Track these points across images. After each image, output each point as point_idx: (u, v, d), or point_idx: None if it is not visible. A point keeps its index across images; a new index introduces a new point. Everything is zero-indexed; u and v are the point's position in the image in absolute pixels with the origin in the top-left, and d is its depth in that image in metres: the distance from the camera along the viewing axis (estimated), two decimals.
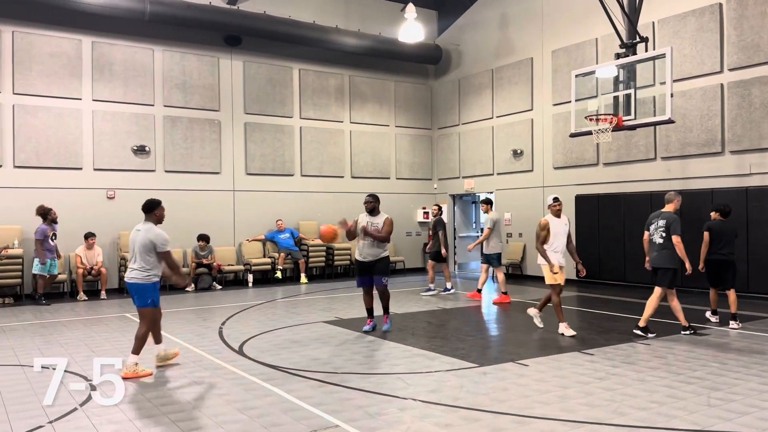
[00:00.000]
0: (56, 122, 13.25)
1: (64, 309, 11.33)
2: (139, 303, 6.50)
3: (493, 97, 16.81)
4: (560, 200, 8.68)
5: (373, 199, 8.87)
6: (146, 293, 6.44)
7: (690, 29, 12.33)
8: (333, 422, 4.84)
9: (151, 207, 6.71)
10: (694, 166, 12.35)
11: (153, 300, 6.49)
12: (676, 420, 4.82)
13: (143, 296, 6.45)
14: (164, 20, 13.86)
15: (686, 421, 4.79)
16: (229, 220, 15.30)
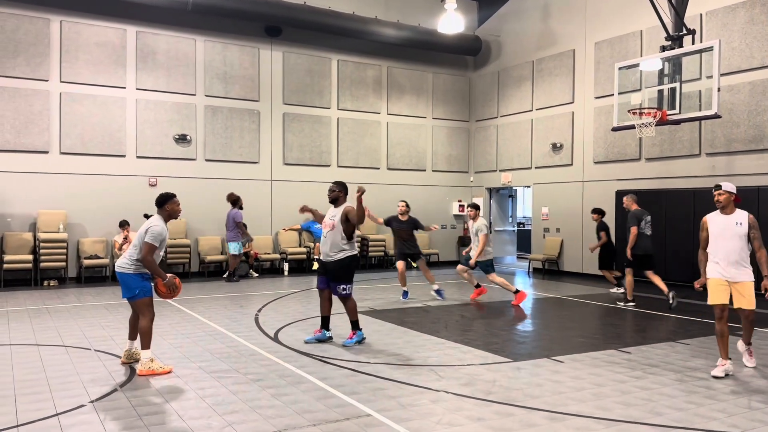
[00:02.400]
0: (101, 110, 13.59)
1: (106, 292, 11.65)
2: (126, 294, 6.15)
3: (533, 90, 16.58)
4: (724, 188, 6.22)
5: (336, 187, 7.37)
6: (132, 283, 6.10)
7: (740, 21, 11.94)
8: (365, 411, 4.88)
9: (163, 201, 6.35)
10: (740, 162, 11.99)
11: (141, 290, 6.11)
12: (715, 422, 4.71)
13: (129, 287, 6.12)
14: (206, 10, 14.05)
15: (725, 424, 4.68)
16: (266, 209, 15.49)
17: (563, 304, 10.81)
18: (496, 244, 18.08)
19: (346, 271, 7.13)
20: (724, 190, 6.19)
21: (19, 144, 12.81)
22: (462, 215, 18.36)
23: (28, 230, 12.86)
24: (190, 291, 11.92)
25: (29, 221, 12.92)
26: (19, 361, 6.40)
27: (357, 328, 7.34)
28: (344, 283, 7.13)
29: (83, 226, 13.40)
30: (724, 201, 6.20)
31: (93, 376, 5.84)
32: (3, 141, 12.67)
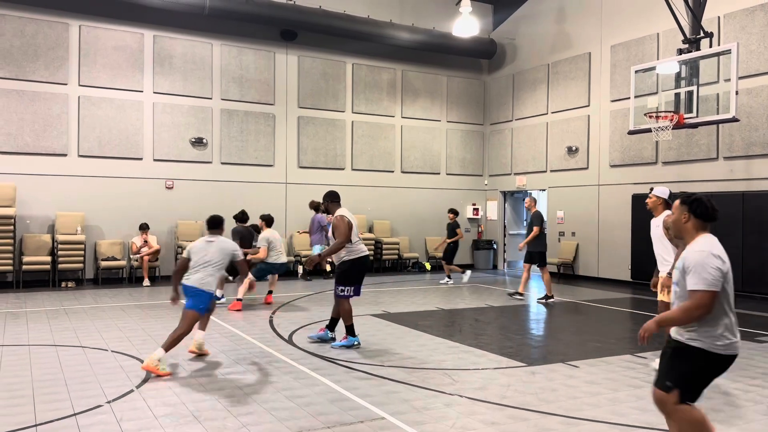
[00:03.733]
0: (118, 113, 13.74)
1: (122, 294, 11.77)
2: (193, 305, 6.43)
3: (549, 93, 16.52)
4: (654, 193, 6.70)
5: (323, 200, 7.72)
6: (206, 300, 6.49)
7: (758, 24, 11.81)
8: (379, 414, 4.88)
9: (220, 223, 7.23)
10: (758, 166, 11.85)
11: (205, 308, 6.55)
12: (733, 428, 4.66)
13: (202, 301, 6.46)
14: (223, 15, 14.16)
15: (743, 430, 4.62)
16: (281, 211, 15.55)
17: (578, 309, 10.75)
18: (511, 247, 18.04)
19: (343, 274, 7.22)
20: (653, 194, 6.62)
21: (38, 147, 12.99)
22: (477, 218, 18.32)
23: (46, 232, 13.02)
24: None
25: (48, 223, 13.08)
26: (38, 362, 6.48)
27: (351, 333, 7.26)
28: (341, 285, 7.21)
29: (100, 228, 13.55)
30: (651, 204, 6.65)
31: (110, 377, 5.90)
32: (22, 144, 12.85)
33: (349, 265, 7.23)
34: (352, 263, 7.23)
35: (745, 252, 11.84)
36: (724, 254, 3.45)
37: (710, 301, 3.33)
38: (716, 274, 3.34)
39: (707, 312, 3.35)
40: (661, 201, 6.60)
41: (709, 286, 3.33)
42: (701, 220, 3.54)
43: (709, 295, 3.33)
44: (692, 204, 3.54)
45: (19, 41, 12.85)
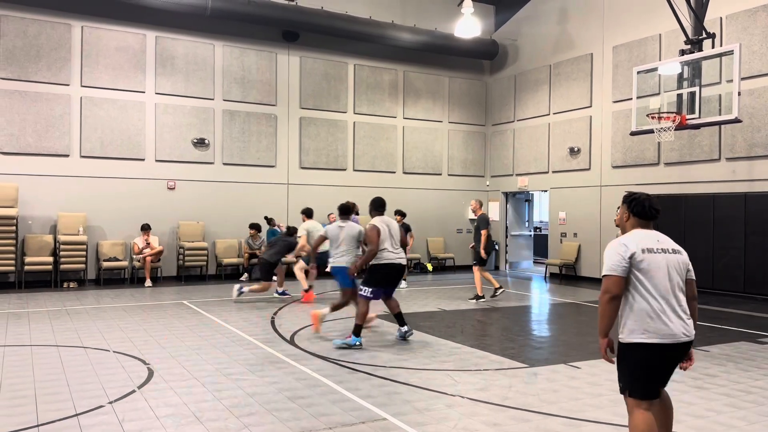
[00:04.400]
0: (120, 114, 13.76)
1: (124, 294, 11.78)
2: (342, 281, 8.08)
3: (551, 94, 16.51)
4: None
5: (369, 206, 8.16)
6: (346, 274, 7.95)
7: (760, 25, 11.80)
8: (381, 415, 4.88)
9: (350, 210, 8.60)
10: (761, 167, 11.83)
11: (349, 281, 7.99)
12: (735, 430, 4.65)
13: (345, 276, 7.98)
14: (225, 16, 14.17)
15: None
16: (282, 212, 15.55)
17: (580, 310, 10.73)
18: (513, 248, 18.03)
19: (367, 275, 7.65)
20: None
21: (40, 147, 13.00)
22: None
23: (48, 232, 13.04)
24: (207, 293, 12.01)
25: (50, 223, 13.10)
26: (39, 362, 6.49)
27: (356, 333, 7.33)
28: (362, 285, 7.61)
29: (102, 229, 13.56)
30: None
31: (112, 377, 5.90)
32: (24, 144, 12.87)
33: (373, 269, 7.58)
34: (376, 268, 7.55)
35: (747, 253, 11.83)
36: (645, 243, 3.58)
37: (611, 284, 3.48)
38: (616, 259, 3.50)
39: (611, 296, 3.49)
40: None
41: (608, 271, 3.51)
42: (639, 218, 3.69)
43: (609, 279, 3.49)
44: (631, 203, 3.72)
45: (22, 42, 12.87)
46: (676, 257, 3.63)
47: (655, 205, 3.71)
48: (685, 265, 3.67)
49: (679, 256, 3.66)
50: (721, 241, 12.25)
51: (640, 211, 3.70)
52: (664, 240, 3.69)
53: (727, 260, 12.15)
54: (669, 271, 3.56)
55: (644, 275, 3.52)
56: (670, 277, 3.55)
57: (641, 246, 3.56)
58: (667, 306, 3.51)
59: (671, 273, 3.56)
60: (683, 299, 3.60)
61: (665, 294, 3.52)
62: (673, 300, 3.54)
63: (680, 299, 3.58)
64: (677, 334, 3.49)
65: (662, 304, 3.51)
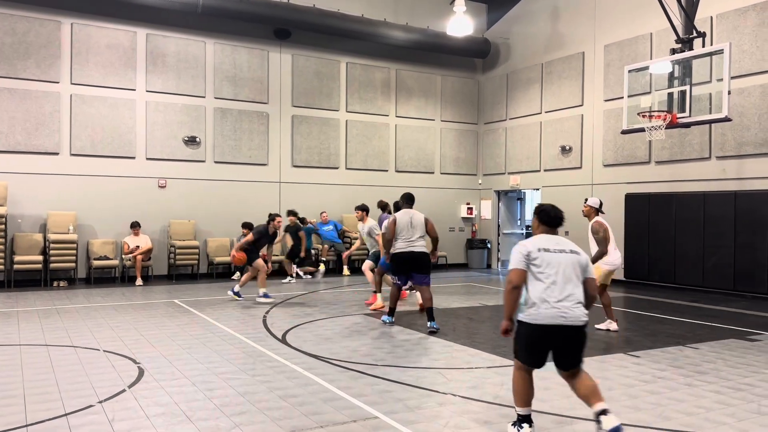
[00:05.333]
0: (111, 112, 13.68)
1: (115, 293, 11.71)
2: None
3: (542, 92, 16.55)
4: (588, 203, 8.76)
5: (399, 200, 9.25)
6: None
7: (750, 24, 11.87)
8: (372, 414, 4.87)
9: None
10: (751, 166, 11.91)
11: None
12: (724, 427, 4.68)
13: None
14: (216, 13, 14.11)
15: (735, 429, 4.64)
16: (274, 211, 15.49)
17: None
18: (505, 247, 18.05)
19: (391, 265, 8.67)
20: (587, 204, 8.08)
21: (29, 145, 12.91)
22: (471, 218, 18.33)
23: (38, 231, 12.96)
24: (199, 292, 11.97)
25: (39, 222, 13.01)
26: (29, 362, 6.44)
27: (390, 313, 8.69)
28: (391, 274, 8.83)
29: (93, 228, 13.49)
30: (586, 212, 8.14)
31: (102, 377, 5.87)
32: (14, 142, 12.77)
33: (392, 258, 8.56)
34: (392, 257, 8.54)
35: (737, 251, 11.90)
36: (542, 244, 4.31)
37: (512, 276, 4.26)
38: (517, 257, 4.28)
39: (513, 286, 4.24)
40: (593, 209, 8.09)
41: (511, 266, 4.31)
42: (545, 225, 4.46)
43: (512, 272, 4.27)
44: (539, 214, 4.51)
45: (11, 39, 12.77)
46: (572, 256, 4.30)
47: (558, 215, 4.47)
48: (581, 264, 4.31)
49: (575, 255, 4.31)
50: (712, 240, 12.32)
51: (546, 220, 4.47)
52: (563, 243, 4.37)
53: (717, 258, 12.23)
54: (561, 267, 4.23)
55: (537, 269, 4.23)
56: (560, 271, 4.22)
57: (538, 246, 4.30)
58: (553, 295, 4.16)
59: (564, 269, 4.23)
60: (577, 291, 4.23)
61: (554, 285, 4.18)
62: (562, 290, 4.18)
63: (569, 290, 4.19)
64: (561, 321, 4.14)
65: (549, 293, 4.17)
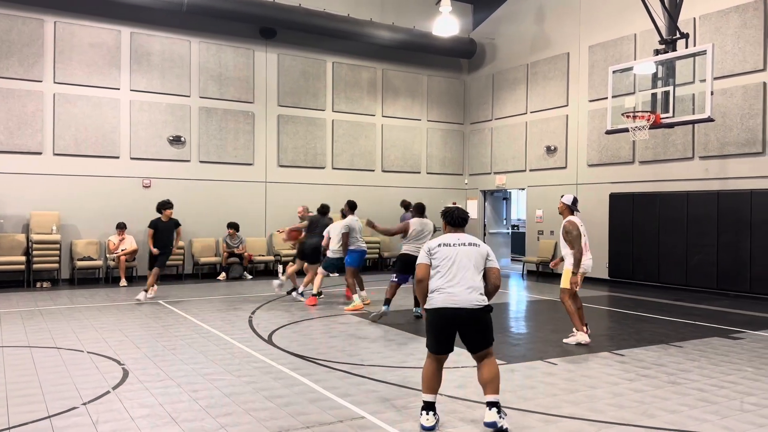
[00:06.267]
0: (95, 111, 13.55)
1: (99, 294, 11.61)
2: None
3: (528, 93, 16.63)
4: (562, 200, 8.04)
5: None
6: None
7: (733, 25, 12.01)
8: (359, 413, 4.87)
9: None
10: (733, 166, 12.05)
11: None
12: (707, 424, 4.73)
13: None
14: (201, 12, 14.03)
15: (718, 426, 4.69)
16: (260, 210, 15.47)
17: (557, 307, 10.81)
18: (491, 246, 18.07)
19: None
20: (561, 201, 7.89)
21: (12, 145, 12.76)
22: None
23: (21, 231, 12.81)
24: (184, 292, 11.89)
25: (22, 222, 12.86)
26: (12, 363, 6.36)
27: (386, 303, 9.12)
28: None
29: (76, 228, 13.36)
30: (560, 210, 7.93)
31: (86, 378, 5.81)
32: None
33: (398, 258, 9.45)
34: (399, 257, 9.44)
35: (720, 250, 12.04)
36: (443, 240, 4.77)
37: (418, 270, 4.76)
38: (422, 254, 4.78)
39: (419, 279, 4.74)
40: (567, 207, 7.82)
41: (418, 261, 4.81)
42: (449, 225, 4.95)
43: (418, 267, 4.78)
44: (445, 215, 5.00)
45: None
46: (472, 248, 4.73)
47: (462, 216, 4.94)
48: (481, 255, 4.73)
49: (475, 248, 4.75)
50: (695, 239, 12.45)
51: (450, 220, 4.96)
52: (464, 238, 4.81)
53: (700, 257, 12.36)
54: (458, 258, 4.66)
55: (437, 261, 4.70)
56: (456, 262, 4.64)
57: (439, 242, 4.77)
58: (451, 282, 4.58)
59: (461, 259, 4.65)
60: (473, 279, 4.62)
61: (452, 274, 4.61)
62: (454, 278, 4.60)
63: (461, 277, 4.60)
64: (451, 304, 4.54)
65: (447, 281, 4.60)
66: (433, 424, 4.49)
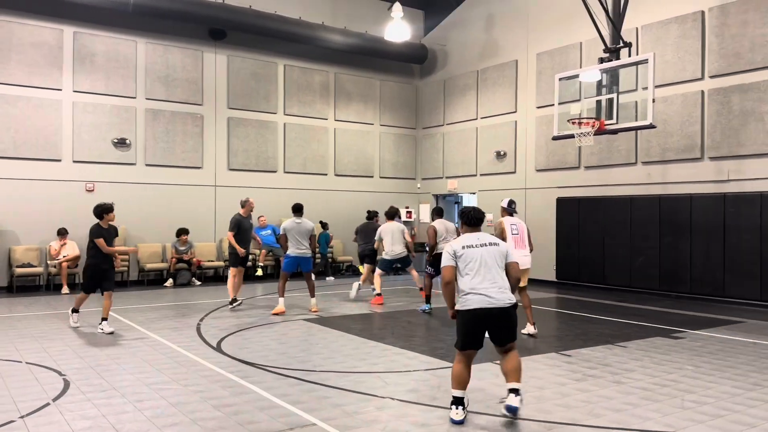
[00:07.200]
0: (35, 113, 13.06)
1: (39, 302, 11.18)
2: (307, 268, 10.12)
3: (478, 99, 16.86)
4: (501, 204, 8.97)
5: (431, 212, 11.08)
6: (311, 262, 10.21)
7: (672, 36, 12.46)
8: (310, 421, 4.82)
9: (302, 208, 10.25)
10: (673, 171, 12.50)
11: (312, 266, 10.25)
12: (650, 422, 4.87)
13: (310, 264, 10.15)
14: (148, 12, 13.71)
15: (660, 423, 4.84)
16: (210, 215, 15.19)
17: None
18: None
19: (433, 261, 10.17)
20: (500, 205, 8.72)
21: None
22: (410, 221, 18.46)
23: None
24: (129, 300, 11.55)
25: None
26: None
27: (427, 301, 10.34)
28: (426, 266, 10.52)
29: (15, 234, 12.83)
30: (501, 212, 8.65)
31: (24, 390, 5.57)
32: None
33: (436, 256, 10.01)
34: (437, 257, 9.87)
35: (661, 252, 12.45)
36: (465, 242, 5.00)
37: (445, 273, 4.95)
38: (446, 256, 4.99)
39: (445, 281, 4.94)
40: (503, 209, 8.66)
41: (443, 263, 5.00)
42: (467, 225, 5.20)
43: (444, 270, 4.97)
44: (462, 216, 5.26)
45: None
46: (493, 248, 5.00)
47: (478, 216, 5.20)
48: (501, 254, 5.00)
49: (496, 247, 5.03)
50: (638, 242, 12.85)
51: (467, 221, 5.23)
52: (484, 237, 5.07)
53: (643, 259, 12.76)
54: (485, 259, 4.91)
55: (464, 263, 4.92)
56: (484, 263, 4.90)
57: (462, 244, 5.00)
58: (483, 283, 4.83)
59: (485, 260, 4.91)
60: (499, 277, 4.90)
61: (481, 275, 4.86)
62: (485, 278, 4.85)
63: (495, 278, 4.87)
64: (486, 304, 4.78)
65: (479, 282, 4.84)
66: (462, 417, 4.78)
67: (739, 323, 9.50)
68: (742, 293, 11.27)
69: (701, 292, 11.80)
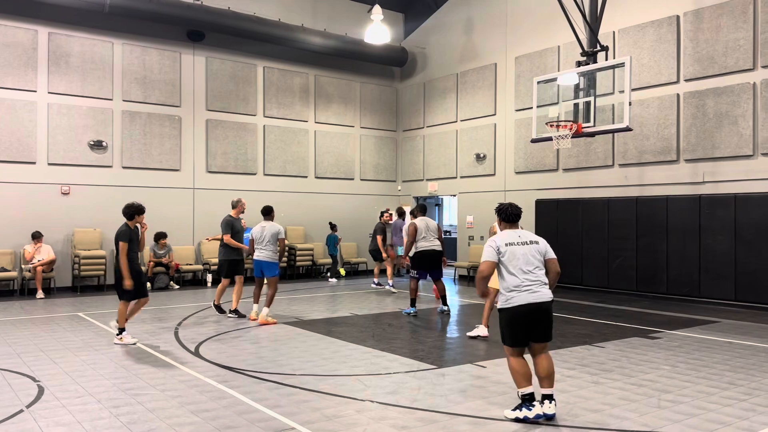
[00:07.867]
0: (9, 115, 12.84)
1: (13, 307, 10.97)
2: (270, 274, 9.30)
3: (458, 101, 16.93)
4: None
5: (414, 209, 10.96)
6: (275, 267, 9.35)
7: (649, 40, 12.63)
8: (289, 425, 4.79)
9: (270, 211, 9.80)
10: (650, 173, 12.65)
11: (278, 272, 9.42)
12: (628, 422, 4.91)
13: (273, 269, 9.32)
14: (125, 13, 13.55)
15: (637, 423, 4.88)
16: (188, 218, 15.05)
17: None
18: None
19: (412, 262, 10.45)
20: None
21: None
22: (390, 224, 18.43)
23: None
24: (105, 305, 11.39)
25: None
26: None
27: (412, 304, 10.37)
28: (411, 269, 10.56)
29: None
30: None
31: None
32: None
33: (413, 256, 10.33)
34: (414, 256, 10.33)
35: (639, 254, 12.59)
36: (508, 239, 5.04)
37: (484, 268, 4.99)
38: (488, 251, 5.01)
39: (483, 276, 5.01)
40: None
41: (484, 258, 5.02)
42: (505, 221, 5.24)
43: (484, 264, 5.00)
44: (499, 212, 5.28)
45: None
46: (533, 246, 5.07)
47: (515, 211, 5.22)
48: (540, 252, 5.08)
49: (535, 245, 5.09)
50: (616, 243, 12.98)
51: (504, 217, 5.25)
52: (524, 235, 5.14)
53: (621, 260, 12.89)
54: (526, 256, 4.99)
55: (507, 260, 4.96)
56: (527, 260, 4.98)
57: (505, 241, 5.02)
58: (524, 280, 4.91)
59: (528, 258, 4.99)
60: (540, 274, 5.00)
61: (523, 272, 4.93)
62: (530, 276, 4.94)
63: (537, 275, 4.98)
64: (532, 300, 4.89)
65: (521, 280, 4.92)
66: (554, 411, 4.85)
67: (715, 323, 9.63)
68: (717, 293, 11.43)
69: (678, 293, 11.96)
